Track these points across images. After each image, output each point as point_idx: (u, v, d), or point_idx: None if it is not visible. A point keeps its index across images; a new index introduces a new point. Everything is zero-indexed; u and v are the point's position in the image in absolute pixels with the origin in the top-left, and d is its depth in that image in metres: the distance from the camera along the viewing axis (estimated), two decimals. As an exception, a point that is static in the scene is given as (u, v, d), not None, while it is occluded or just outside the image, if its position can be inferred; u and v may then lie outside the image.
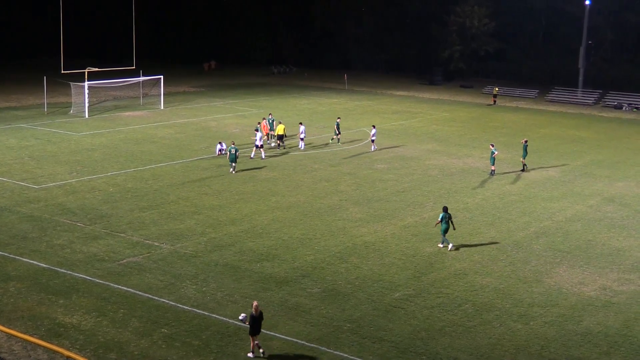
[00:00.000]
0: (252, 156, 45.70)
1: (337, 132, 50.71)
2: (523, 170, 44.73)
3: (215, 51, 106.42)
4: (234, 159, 41.78)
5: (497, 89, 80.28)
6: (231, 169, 42.08)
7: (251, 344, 21.11)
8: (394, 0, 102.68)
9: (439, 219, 30.46)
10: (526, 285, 26.96)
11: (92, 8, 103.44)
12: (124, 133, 53.45)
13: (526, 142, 45.23)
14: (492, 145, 43.89)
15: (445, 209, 30.48)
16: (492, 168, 43.59)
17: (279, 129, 49.23)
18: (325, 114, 65.11)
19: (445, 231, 30.27)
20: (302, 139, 49.25)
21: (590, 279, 27.68)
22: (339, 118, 52.85)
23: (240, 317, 21.18)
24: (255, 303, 21.09)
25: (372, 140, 49.79)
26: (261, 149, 45.78)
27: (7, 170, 40.93)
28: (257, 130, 46.86)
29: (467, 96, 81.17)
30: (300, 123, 50.55)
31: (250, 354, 21.10)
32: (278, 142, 49.48)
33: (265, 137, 49.12)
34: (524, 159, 44.94)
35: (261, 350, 21.11)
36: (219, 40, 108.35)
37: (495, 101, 77.85)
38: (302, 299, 25.05)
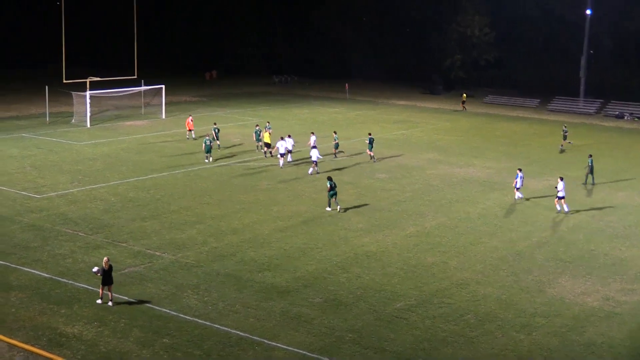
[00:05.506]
0: (281, 165, 45.85)
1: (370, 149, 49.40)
2: (373, 159, 49.01)
3: (216, 61, 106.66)
4: (209, 150, 46.98)
5: (464, 95, 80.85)
6: (207, 159, 46.94)
7: (100, 292, 24.77)
8: (395, 9, 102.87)
9: (328, 186, 36.18)
10: (528, 295, 26.90)
11: (94, 18, 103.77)
12: (125, 142, 53.50)
13: (370, 134, 49.81)
14: (370, 134, 49.42)
15: (330, 178, 36.48)
16: (370, 153, 48.39)
17: (266, 137, 49.16)
18: (326, 123, 65.07)
19: (334, 196, 36.30)
20: (290, 152, 47.45)
21: (593, 289, 27.62)
22: (369, 133, 50.42)
23: (93, 270, 24.76)
24: (105, 258, 24.80)
25: (314, 147, 46.65)
26: (282, 157, 45.84)
27: (9, 180, 40.94)
28: (282, 138, 46.62)
29: (467, 105, 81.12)
30: (313, 133, 50.15)
31: (98, 300, 24.75)
32: (265, 149, 49.40)
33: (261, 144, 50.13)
34: (370, 150, 48.86)
35: (110, 303, 24.61)
36: (220, 50, 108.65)
37: (464, 107, 78.38)
38: (304, 309, 25.01)
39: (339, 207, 36.53)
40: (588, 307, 25.96)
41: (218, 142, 51.05)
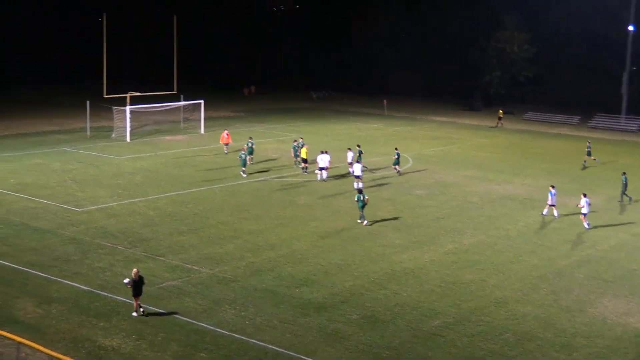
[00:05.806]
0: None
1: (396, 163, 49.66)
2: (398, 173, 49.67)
3: (255, 76, 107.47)
4: (244, 164, 47.65)
5: (501, 111, 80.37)
6: (243, 174, 47.36)
7: (134, 304, 24.97)
8: (433, 25, 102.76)
9: (356, 199, 36.91)
10: (569, 314, 26.47)
11: (135, 34, 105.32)
12: (164, 157, 54.03)
13: (396, 149, 50.68)
14: (396, 149, 50.61)
15: (360, 191, 37.40)
16: (395, 168, 49.34)
17: (303, 152, 49.25)
18: (364, 139, 64.96)
19: (362, 208, 36.61)
20: (326, 168, 47.14)
21: (636, 310, 27.06)
22: (396, 149, 50.90)
23: (125, 282, 25.10)
24: (135, 270, 25.06)
25: (353, 163, 46.73)
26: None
27: (50, 193, 41.55)
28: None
29: (507, 122, 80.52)
30: (349, 149, 50.11)
31: (134, 314, 24.89)
32: (302, 165, 49.40)
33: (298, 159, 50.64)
34: (395, 165, 49.68)
35: (141, 310, 24.91)
36: (259, 66, 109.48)
37: (500, 124, 77.94)
38: (341, 325, 24.90)
39: (365, 221, 37.00)
40: (631, 328, 25.44)
41: (252, 156, 51.25)
